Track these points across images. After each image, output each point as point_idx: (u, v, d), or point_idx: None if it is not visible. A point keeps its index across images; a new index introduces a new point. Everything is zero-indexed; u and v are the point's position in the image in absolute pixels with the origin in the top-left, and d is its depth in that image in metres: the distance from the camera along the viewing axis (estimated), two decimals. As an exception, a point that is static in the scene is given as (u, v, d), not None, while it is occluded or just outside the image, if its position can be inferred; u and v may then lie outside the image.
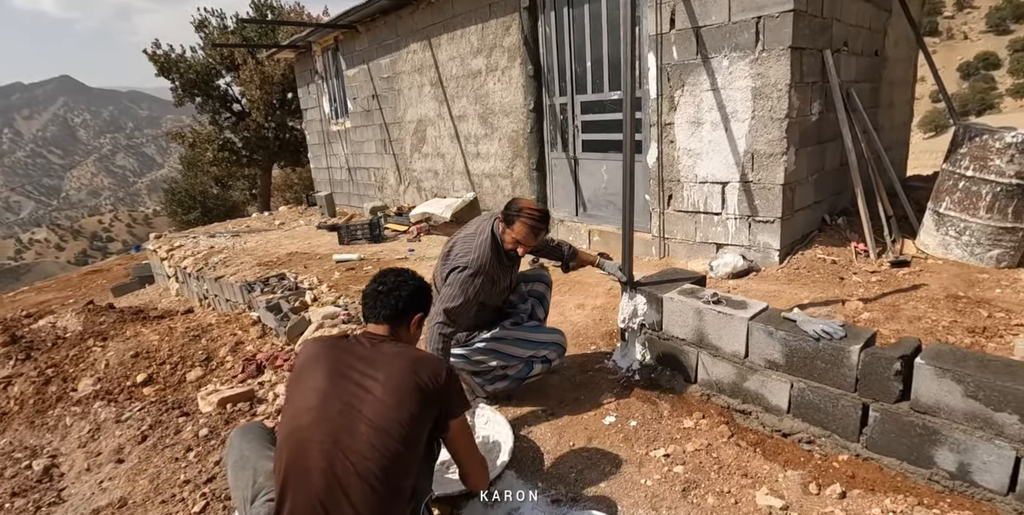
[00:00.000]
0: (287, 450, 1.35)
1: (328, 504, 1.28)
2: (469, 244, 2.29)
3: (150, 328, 4.41)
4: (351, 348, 1.50)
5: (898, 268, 3.78)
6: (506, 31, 5.16)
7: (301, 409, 1.38)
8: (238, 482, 1.57)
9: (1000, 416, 1.72)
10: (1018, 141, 3.38)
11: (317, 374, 1.43)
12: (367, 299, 1.63)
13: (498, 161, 5.82)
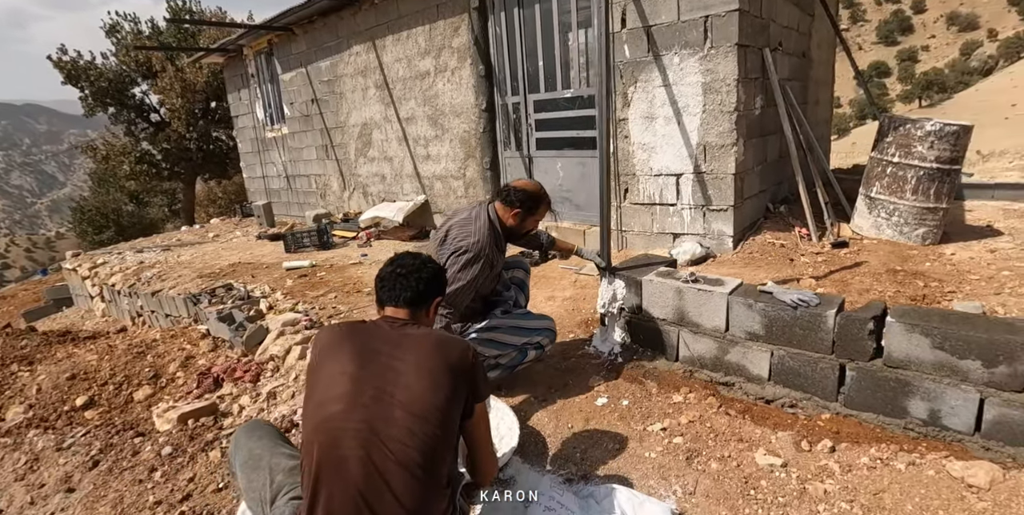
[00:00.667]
0: (319, 441, 1.27)
1: (368, 495, 1.22)
2: (467, 228, 2.27)
3: (84, 348, 4.03)
4: (374, 331, 1.44)
5: (839, 249, 4.09)
6: (455, 32, 5.19)
7: (330, 397, 1.31)
8: (252, 483, 1.47)
9: (965, 363, 1.90)
10: (936, 129, 3.77)
11: (343, 358, 1.36)
12: (385, 282, 1.56)
13: (450, 162, 5.81)
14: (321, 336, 1.48)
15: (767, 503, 1.75)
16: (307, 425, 1.32)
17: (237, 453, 1.58)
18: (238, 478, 1.55)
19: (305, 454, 1.30)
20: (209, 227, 8.75)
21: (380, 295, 1.57)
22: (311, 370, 1.41)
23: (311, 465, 1.26)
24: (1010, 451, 1.85)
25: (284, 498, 1.39)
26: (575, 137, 4.82)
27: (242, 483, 1.52)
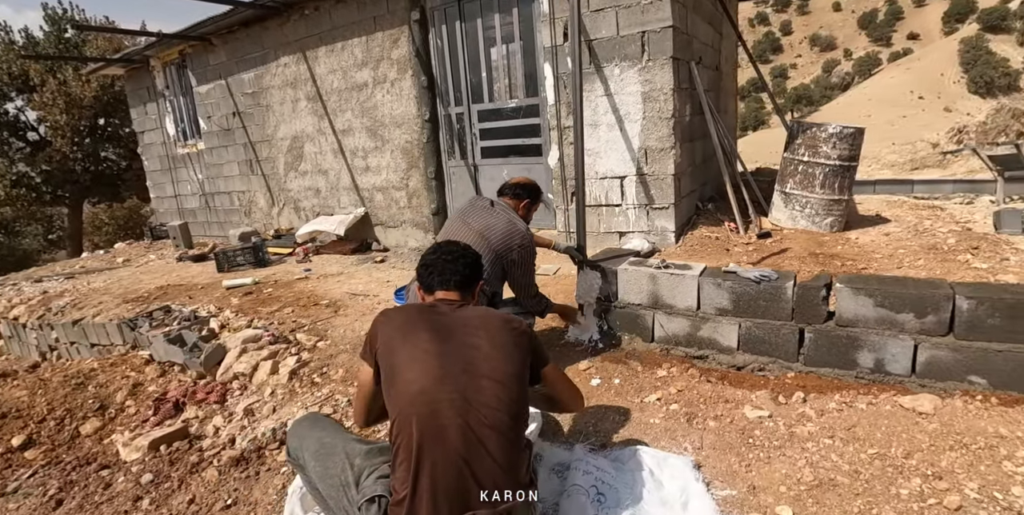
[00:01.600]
0: (417, 414, 1.34)
1: (469, 459, 1.32)
2: (517, 230, 2.50)
3: (9, 385, 3.61)
4: (438, 312, 1.55)
5: (764, 239, 4.63)
6: (394, 43, 5.29)
7: (421, 373, 1.39)
8: (330, 469, 1.51)
9: (901, 316, 2.31)
10: (837, 132, 4.42)
11: (422, 337, 1.45)
12: (433, 267, 1.67)
13: (391, 173, 5.85)
14: (387, 321, 1.55)
15: (766, 447, 2.02)
16: (400, 400, 1.39)
17: (304, 444, 1.60)
18: (309, 468, 1.57)
19: (401, 428, 1.36)
20: (116, 252, 8.04)
21: (428, 280, 1.68)
22: (388, 351, 1.48)
23: (411, 437, 1.33)
24: (940, 385, 2.27)
25: (371, 479, 1.45)
26: (520, 145, 5.08)
27: (316, 471, 1.55)
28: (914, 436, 1.95)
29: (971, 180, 6.66)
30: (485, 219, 2.49)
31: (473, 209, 2.57)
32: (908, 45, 70.57)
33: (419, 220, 5.82)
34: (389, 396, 1.43)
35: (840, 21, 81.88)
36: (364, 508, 1.40)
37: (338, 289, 4.70)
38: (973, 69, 55.08)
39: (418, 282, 1.74)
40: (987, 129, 18.42)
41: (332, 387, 3.01)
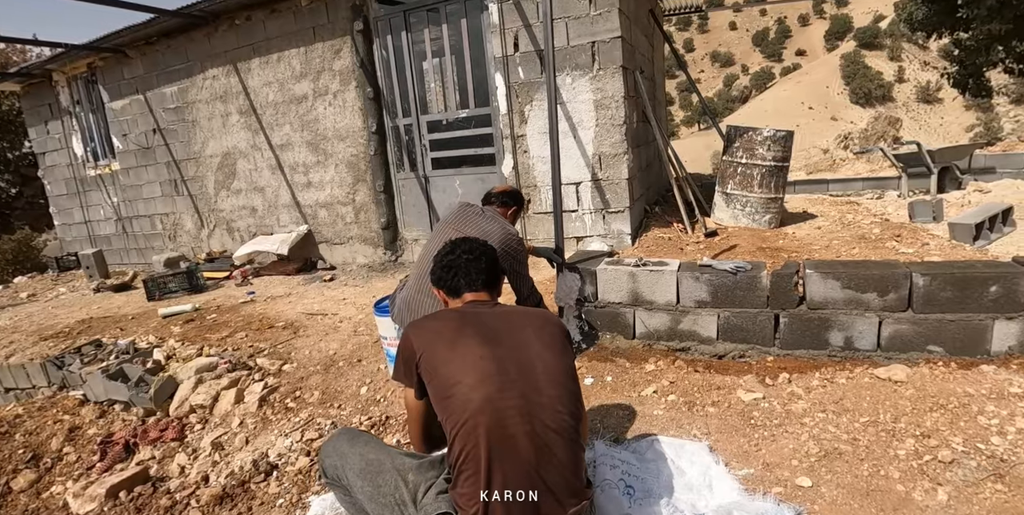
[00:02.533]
0: (483, 423, 1.29)
1: (540, 466, 1.28)
2: (507, 231, 2.50)
3: (-86, 441, 3.12)
4: (478, 314, 1.51)
5: (711, 237, 4.91)
6: (336, 54, 5.19)
7: (480, 380, 1.34)
8: (381, 487, 1.43)
9: (866, 296, 2.53)
10: (771, 135, 4.79)
11: (471, 343, 1.40)
12: (456, 269, 1.62)
13: (336, 188, 5.69)
14: (419, 332, 1.48)
15: (768, 426, 2.14)
16: (462, 411, 1.32)
17: (346, 463, 1.51)
18: (355, 488, 1.48)
19: (466, 440, 1.30)
20: (17, 286, 7.21)
21: (453, 283, 1.62)
22: (434, 364, 1.40)
23: (478, 449, 1.28)
24: (904, 356, 2.51)
25: (430, 495, 1.38)
26: (473, 155, 5.10)
27: (364, 491, 1.46)
28: (897, 402, 2.14)
29: (878, 178, 7.41)
30: (480, 225, 2.49)
31: (465, 216, 2.56)
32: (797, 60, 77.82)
33: (368, 235, 5.68)
34: (446, 408, 1.35)
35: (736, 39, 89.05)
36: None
37: (291, 310, 4.49)
38: (853, 82, 61.47)
39: (438, 286, 1.68)
40: (868, 135, 20.53)
41: (311, 411, 2.86)
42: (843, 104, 61.51)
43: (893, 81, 61.29)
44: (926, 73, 61.24)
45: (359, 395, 2.93)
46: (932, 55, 63.07)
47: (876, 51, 64.94)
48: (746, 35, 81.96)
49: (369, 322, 4.00)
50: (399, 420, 2.60)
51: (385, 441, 2.46)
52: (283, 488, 2.24)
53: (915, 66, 62.77)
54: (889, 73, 61.95)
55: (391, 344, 2.87)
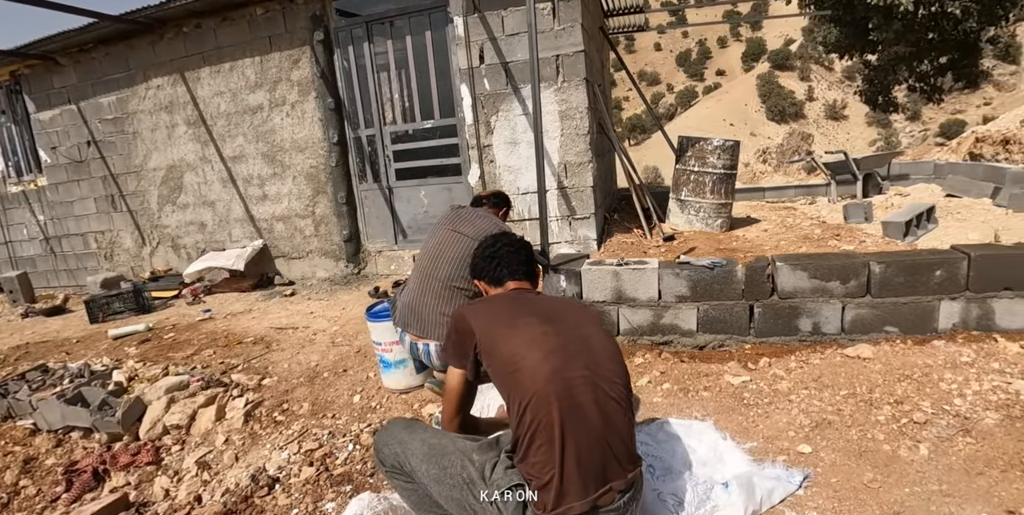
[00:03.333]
0: (554, 392, 1.36)
1: (606, 432, 1.38)
2: (492, 220, 2.55)
3: None
4: (528, 298, 1.63)
5: (669, 241, 5.20)
6: (294, 64, 5.15)
7: (547, 353, 1.41)
8: (447, 470, 1.47)
9: (830, 284, 2.81)
10: (720, 144, 5.17)
11: (531, 321, 1.49)
12: (499, 259, 1.72)
13: (294, 201, 5.59)
14: (475, 314, 1.55)
15: (760, 405, 2.34)
16: (531, 383, 1.39)
17: (407, 449, 1.54)
18: (419, 472, 1.51)
19: (536, 411, 1.36)
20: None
21: (496, 273, 1.73)
22: (494, 343, 1.47)
23: (550, 417, 1.34)
24: (865, 337, 2.79)
25: (499, 470, 1.43)
26: (439, 165, 5.18)
27: (430, 474, 1.49)
28: (869, 376, 2.39)
29: (808, 185, 8.08)
30: (476, 223, 2.57)
31: (459, 218, 2.63)
32: (717, 80, 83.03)
33: (328, 248, 5.61)
34: (513, 382, 1.42)
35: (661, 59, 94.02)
36: (501, 501, 1.38)
37: (258, 325, 4.36)
38: (769, 100, 66.28)
39: (479, 276, 1.78)
40: (784, 150, 22.22)
41: (303, 423, 2.81)
42: (760, 121, 66.06)
43: (804, 99, 66.52)
44: (832, 92, 66.96)
45: (352, 404, 2.91)
46: (837, 76, 69.11)
47: (788, 72, 70.38)
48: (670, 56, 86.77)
49: (346, 333, 3.96)
50: (401, 424, 2.61)
51: (392, 444, 2.48)
52: (294, 499, 2.20)
53: (823, 86, 68.48)
54: (800, 92, 67.22)
55: (385, 350, 2.88)
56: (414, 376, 2.89)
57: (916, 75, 9.12)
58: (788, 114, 64.78)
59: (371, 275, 5.54)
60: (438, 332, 2.54)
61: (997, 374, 2.25)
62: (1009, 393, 2.12)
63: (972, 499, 1.63)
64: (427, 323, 2.54)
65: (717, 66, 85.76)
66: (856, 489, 1.74)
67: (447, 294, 2.51)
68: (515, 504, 1.38)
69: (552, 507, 1.33)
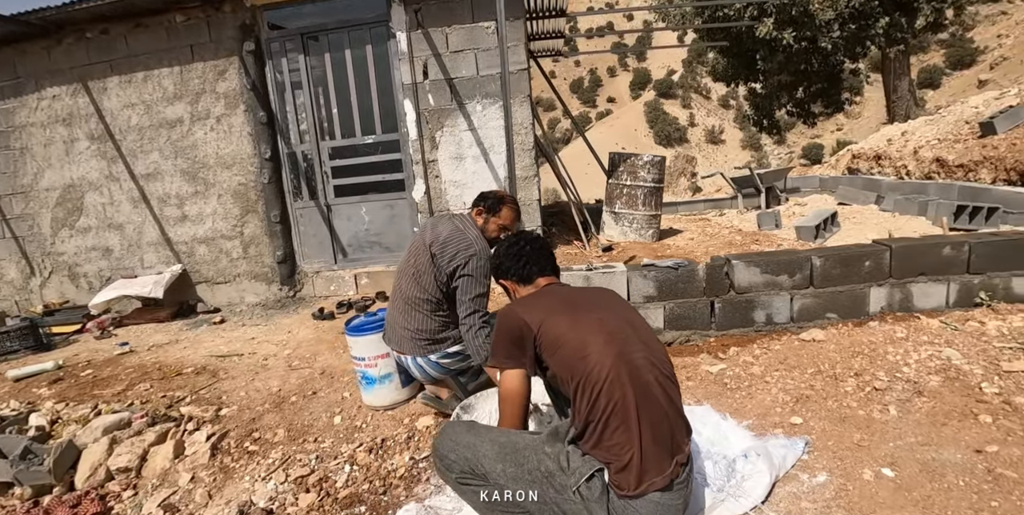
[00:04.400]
0: (627, 373, 1.45)
1: (668, 408, 1.48)
2: (464, 238, 2.42)
3: None
4: (566, 289, 1.73)
5: (608, 251, 5.50)
6: (220, 76, 4.91)
7: (608, 337, 1.49)
8: (524, 466, 1.50)
9: (780, 278, 3.15)
10: (650, 160, 5.59)
11: (583, 311, 1.57)
12: (527, 258, 1.79)
13: (219, 221, 5.26)
14: (527, 309, 1.61)
15: (742, 388, 2.56)
16: (603, 365, 1.46)
17: (478, 452, 1.54)
18: (494, 473, 1.51)
19: (611, 390, 1.43)
20: None
21: (526, 271, 1.80)
22: (557, 334, 1.52)
23: (625, 398, 1.43)
24: (811, 324, 3.15)
25: (575, 458, 1.47)
26: (381, 181, 5.13)
27: (507, 473, 1.50)
28: (827, 355, 2.71)
29: (716, 199, 8.87)
30: (436, 234, 2.47)
31: (430, 227, 2.52)
32: (609, 107, 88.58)
33: (259, 271, 5.31)
34: (582, 368, 1.47)
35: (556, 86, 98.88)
36: (584, 487, 1.42)
37: (194, 355, 4.03)
38: (656, 126, 71.77)
39: (507, 276, 1.83)
40: (671, 171, 24.13)
41: (282, 450, 2.66)
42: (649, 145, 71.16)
43: (687, 125, 72.69)
44: (711, 118, 73.79)
45: (334, 425, 2.79)
46: (714, 104, 76.35)
47: (672, 100, 76.70)
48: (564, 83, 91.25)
49: (302, 356, 3.78)
50: (397, 440, 2.54)
51: (396, 460, 2.41)
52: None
53: (703, 113, 75.30)
54: (683, 118, 73.41)
55: (369, 365, 2.79)
56: (400, 391, 2.84)
57: (794, 101, 10.45)
58: (673, 138, 70.37)
59: (308, 297, 5.31)
60: (408, 346, 2.52)
61: (929, 345, 2.65)
62: (942, 359, 2.51)
63: (945, 445, 1.92)
64: (398, 337, 2.54)
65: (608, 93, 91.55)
66: (850, 449, 1.98)
67: (407, 308, 2.49)
68: (599, 489, 1.42)
69: (635, 486, 1.40)
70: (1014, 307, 2.93)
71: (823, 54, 8.62)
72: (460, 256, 2.39)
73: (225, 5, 4.80)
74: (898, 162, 6.86)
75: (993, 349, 2.53)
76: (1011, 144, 5.51)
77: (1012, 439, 1.89)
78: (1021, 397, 2.13)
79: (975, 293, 3.07)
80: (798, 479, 1.87)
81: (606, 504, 1.42)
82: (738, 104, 72.47)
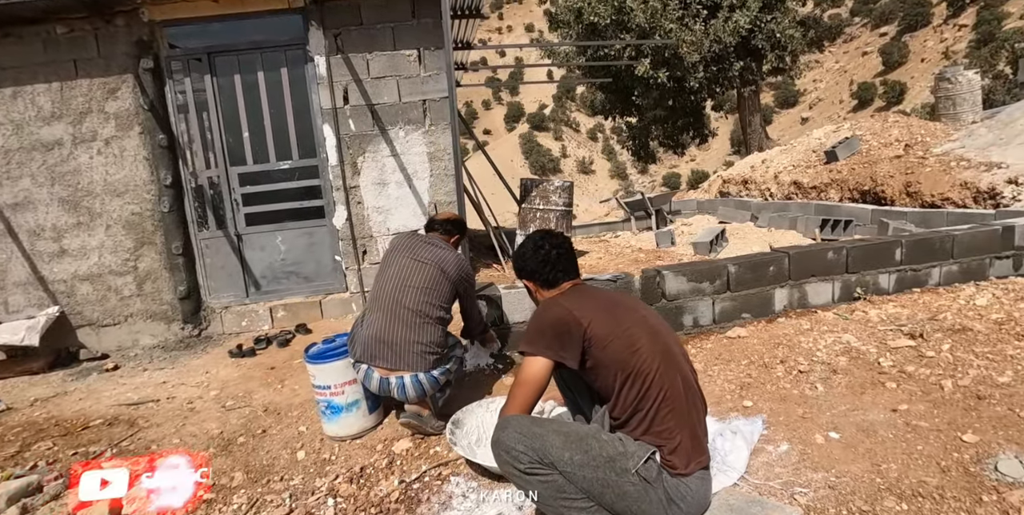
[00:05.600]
0: (672, 364, 1.69)
1: (698, 398, 1.75)
2: (458, 255, 2.71)
3: None
4: (598, 290, 1.94)
5: (529, 273, 5.79)
6: (111, 94, 4.52)
7: (650, 333, 1.71)
8: (590, 452, 1.62)
9: (703, 285, 3.59)
10: (561, 185, 6.00)
11: (620, 308, 1.78)
12: (554, 263, 1.88)
13: (108, 255, 4.76)
14: (576, 306, 1.73)
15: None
16: (653, 357, 1.66)
17: (546, 443, 1.61)
18: (563, 461, 1.60)
19: (662, 379, 1.64)
20: None
21: (551, 275, 1.89)
22: (607, 329, 1.68)
23: (675, 384, 1.66)
24: (730, 324, 3.61)
25: (629, 442, 1.63)
26: (298, 208, 4.98)
27: (576, 460, 1.60)
28: (754, 348, 3.13)
29: (608, 222, 9.60)
30: (435, 251, 2.68)
31: (417, 246, 2.70)
32: (486, 138, 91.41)
33: (157, 309, 4.86)
34: (633, 360, 1.64)
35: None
36: (643, 468, 1.57)
37: (97, 406, 3.59)
38: (531, 157, 75.37)
39: (531, 278, 1.93)
40: None
41: (247, 493, 2.48)
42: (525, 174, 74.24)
43: (560, 156, 77.09)
44: (581, 150, 78.99)
45: (298, 460, 2.66)
46: (584, 136, 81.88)
47: (544, 132, 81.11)
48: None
49: (235, 394, 3.53)
50: (377, 467, 2.49)
51: (384, 486, 2.36)
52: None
53: (574, 145, 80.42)
54: (556, 150, 77.81)
55: (336, 393, 2.70)
56: (367, 417, 2.79)
57: (666, 133, 11.75)
58: (548, 169, 74.16)
59: (216, 335, 4.93)
60: (413, 362, 2.55)
61: (830, 333, 3.18)
62: (844, 343, 3.02)
63: (868, 409, 2.34)
64: (401, 353, 2.53)
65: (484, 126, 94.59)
66: (798, 421, 2.33)
67: (419, 322, 2.55)
68: (656, 469, 1.59)
69: (686, 465, 1.61)
70: (883, 298, 3.61)
71: (690, 92, 9.92)
72: (465, 268, 2.69)
73: (117, 18, 4.47)
74: (762, 185, 8.03)
75: (879, 332, 3.10)
76: (851, 169, 6.73)
77: (915, 398, 2.37)
78: (911, 366, 2.65)
79: (853, 289, 3.73)
80: (765, 450, 2.17)
81: (662, 483, 1.59)
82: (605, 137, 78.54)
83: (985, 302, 3.30)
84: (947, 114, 7.54)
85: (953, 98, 7.39)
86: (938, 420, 2.18)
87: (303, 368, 3.92)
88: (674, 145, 12.52)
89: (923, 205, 5.73)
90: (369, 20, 4.65)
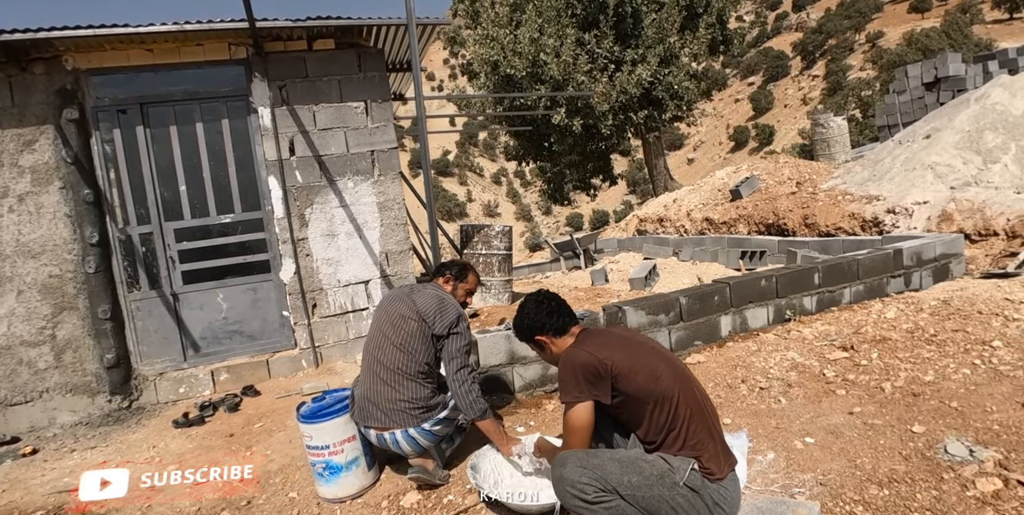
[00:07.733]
0: (694, 388, 1.95)
1: (714, 411, 2.00)
2: (449, 300, 2.67)
3: None
4: (606, 330, 2.17)
5: (476, 317, 5.94)
6: (27, 146, 4.24)
7: (666, 362, 1.96)
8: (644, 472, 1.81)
9: (660, 317, 3.94)
10: (501, 229, 6.28)
11: (633, 345, 2.00)
12: (559, 313, 2.14)
13: (18, 324, 4.35)
14: (601, 348, 1.95)
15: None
16: (675, 383, 1.89)
17: (606, 472, 1.80)
18: (623, 485, 1.78)
19: (687, 401, 1.88)
20: None
21: (561, 323, 2.14)
22: (630, 365, 1.89)
23: (698, 404, 1.91)
24: (685, 351, 3.96)
25: (671, 458, 1.84)
26: (241, 263, 4.85)
27: (634, 483, 1.78)
28: (715, 371, 3.48)
29: (536, 264, 9.98)
30: (420, 301, 2.60)
31: (401, 298, 2.70)
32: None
33: (79, 381, 4.46)
34: (662, 387, 1.87)
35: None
36: (689, 479, 1.78)
37: (29, 497, 3.25)
38: (438, 202, 76.23)
39: (544, 331, 2.13)
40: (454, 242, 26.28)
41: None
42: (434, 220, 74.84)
43: (465, 201, 78.43)
44: (486, 194, 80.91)
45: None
46: (487, 181, 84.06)
47: (449, 178, 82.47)
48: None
49: (197, 465, 3.31)
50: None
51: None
52: None
53: (478, 189, 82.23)
54: (461, 195, 79.15)
55: (335, 452, 2.66)
56: (367, 474, 2.76)
57: (579, 177, 12.57)
58: (455, 213, 75.12)
59: (150, 405, 4.60)
60: (400, 419, 2.55)
61: (776, 352, 3.61)
62: (790, 360, 3.45)
63: (829, 414, 2.72)
64: (388, 412, 2.56)
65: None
66: (775, 432, 2.65)
67: (398, 379, 2.57)
68: (699, 478, 1.81)
69: (721, 468, 1.85)
70: (811, 318, 4.14)
71: (601, 138, 10.78)
72: (450, 314, 2.63)
73: (35, 66, 4.27)
74: (677, 222, 8.81)
75: (816, 347, 3.57)
76: (755, 205, 7.62)
77: (864, 400, 2.78)
78: (852, 374, 3.10)
79: (784, 311, 4.25)
80: (756, 460, 2.45)
81: (707, 490, 1.81)
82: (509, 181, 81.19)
83: (893, 315, 3.91)
84: (823, 154, 8.81)
85: (828, 141, 8.68)
86: (888, 417, 2.59)
87: (266, 432, 3.81)
88: (586, 187, 13.42)
89: (820, 234, 6.62)
90: (315, 73, 4.79)
